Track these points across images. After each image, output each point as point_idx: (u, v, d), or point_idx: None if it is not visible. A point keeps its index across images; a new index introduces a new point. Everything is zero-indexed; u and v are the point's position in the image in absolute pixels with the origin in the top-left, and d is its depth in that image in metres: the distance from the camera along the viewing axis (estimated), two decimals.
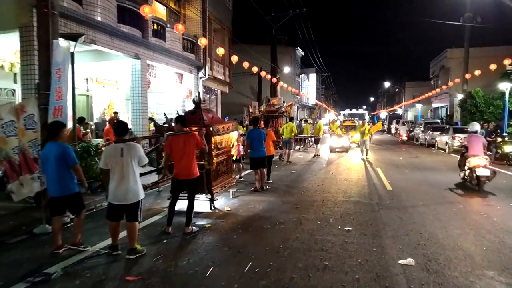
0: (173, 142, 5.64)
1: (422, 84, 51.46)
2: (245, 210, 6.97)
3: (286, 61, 37.85)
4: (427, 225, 5.96)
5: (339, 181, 10.24)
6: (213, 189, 7.18)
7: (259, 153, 8.91)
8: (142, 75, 13.46)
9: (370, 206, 7.29)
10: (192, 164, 5.61)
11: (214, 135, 7.09)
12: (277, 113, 15.71)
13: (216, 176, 7.40)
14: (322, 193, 8.61)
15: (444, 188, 9.19)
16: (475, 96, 23.31)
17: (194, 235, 5.52)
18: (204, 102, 7.74)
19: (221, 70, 20.76)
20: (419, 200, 7.85)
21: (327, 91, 78.34)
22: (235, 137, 8.13)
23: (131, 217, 4.70)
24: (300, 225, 5.98)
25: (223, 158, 7.74)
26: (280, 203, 7.55)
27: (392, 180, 10.21)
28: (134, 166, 4.66)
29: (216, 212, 6.90)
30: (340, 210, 6.96)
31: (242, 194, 8.40)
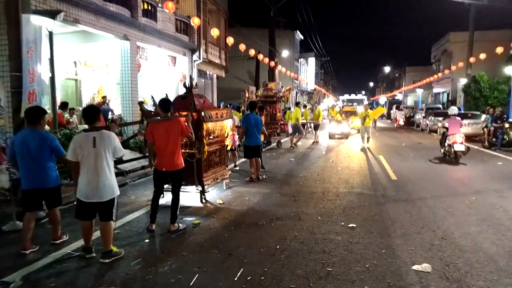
0: (154, 129, 5.01)
1: (423, 69, 50.62)
2: (239, 203, 6.38)
3: (285, 45, 36.88)
4: (439, 221, 5.39)
5: (340, 170, 9.65)
6: (204, 180, 6.59)
7: (255, 140, 8.31)
8: (132, 58, 12.72)
9: (375, 198, 6.71)
10: (176, 153, 4.98)
11: (206, 121, 6.46)
12: (275, 98, 15.00)
13: (207, 167, 6.79)
14: (322, 183, 8.03)
15: (453, 178, 8.62)
16: (479, 80, 22.60)
17: (180, 234, 4.93)
18: (196, 86, 7.07)
19: (217, 53, 19.96)
20: (427, 191, 7.28)
21: (326, 76, 77.26)
22: (230, 126, 7.48)
23: (105, 216, 4.10)
24: (299, 221, 5.40)
25: (216, 148, 7.12)
26: (277, 195, 6.97)
27: (396, 169, 9.62)
28: (109, 158, 4.04)
29: (207, 205, 6.32)
30: (342, 203, 6.38)
31: (237, 185, 7.81)
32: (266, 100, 15.01)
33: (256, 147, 8.33)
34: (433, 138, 19.09)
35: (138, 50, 13.50)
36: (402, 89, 56.91)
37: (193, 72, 17.18)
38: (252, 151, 8.28)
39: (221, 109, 7.29)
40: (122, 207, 6.24)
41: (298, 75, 44.62)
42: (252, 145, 8.27)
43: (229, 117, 7.41)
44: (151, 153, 5.23)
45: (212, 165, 6.98)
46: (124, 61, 12.69)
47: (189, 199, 6.58)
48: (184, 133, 5.05)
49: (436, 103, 36.65)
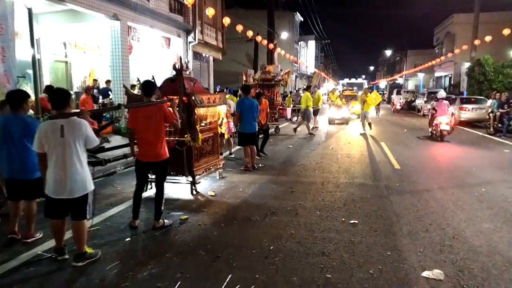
0: (135, 115, 4.52)
1: (424, 52, 49.72)
2: (232, 195, 5.93)
3: (284, 26, 35.94)
4: (449, 216, 4.95)
5: (340, 157, 9.19)
6: (195, 170, 6.13)
7: (251, 127, 7.79)
8: (123, 39, 12.06)
9: (378, 189, 6.26)
10: (159, 143, 4.49)
11: (196, 107, 5.96)
12: (273, 82, 14.42)
13: (199, 156, 6.32)
14: (321, 172, 7.58)
15: (459, 166, 8.17)
16: (484, 64, 21.92)
17: (165, 231, 4.50)
18: (187, 68, 6.53)
19: (213, 34, 19.22)
20: (433, 181, 6.84)
21: (326, 60, 76.11)
22: (224, 112, 6.97)
23: (77, 215, 3.64)
24: (295, 216, 4.96)
25: (208, 136, 6.63)
26: (273, 186, 6.52)
27: (399, 157, 9.17)
28: (80, 150, 3.55)
29: (198, 198, 5.87)
30: (343, 195, 5.94)
31: (231, 174, 7.36)
32: (264, 84, 14.43)
33: (251, 134, 7.82)
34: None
35: (129, 30, 12.84)
36: (403, 73, 56.06)
37: (188, 54, 16.54)
38: (247, 138, 7.78)
39: (214, 94, 6.77)
40: (106, 199, 5.83)
41: (298, 58, 43.77)
42: (247, 132, 7.76)
43: (223, 102, 6.89)
44: (132, 142, 4.76)
45: (204, 154, 6.51)
46: (115, 42, 12.04)
47: (178, 190, 6.14)
48: (168, 120, 4.55)
49: (438, 87, 35.99)
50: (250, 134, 7.80)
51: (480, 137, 13.55)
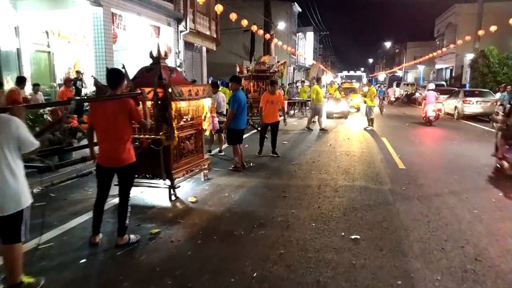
0: (95, 111, 3.76)
1: (424, 44, 48.91)
2: (216, 202, 5.19)
3: (282, 17, 34.93)
4: (466, 229, 4.23)
5: (339, 155, 8.45)
6: (174, 173, 5.38)
7: (243, 123, 7.08)
8: (106, 27, 11.24)
9: (382, 195, 5.53)
10: (122, 144, 3.73)
11: (175, 100, 5.19)
12: (268, 73, 13.62)
13: (179, 156, 5.58)
14: (318, 173, 6.84)
15: (469, 166, 7.44)
16: (488, 55, 21.11)
17: (129, 250, 3.76)
18: (165, 56, 5.76)
19: (206, 23, 18.35)
20: (443, 184, 6.11)
21: (325, 52, 74.99)
22: (208, 106, 6.20)
23: (8, 237, 2.90)
24: (287, 229, 4.23)
25: (190, 133, 5.88)
26: (264, 190, 5.78)
27: (403, 155, 8.43)
28: (9, 155, 2.80)
29: (176, 205, 5.13)
30: (342, 201, 5.20)
31: (218, 175, 6.62)
32: (258, 76, 13.63)
33: (242, 131, 7.10)
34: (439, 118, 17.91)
35: (114, 18, 12.01)
36: (403, 66, 55.28)
37: (179, 44, 15.72)
38: (238, 135, 7.04)
39: (197, 86, 6.00)
40: (72, 206, 5.10)
41: (296, 50, 42.80)
42: (239, 128, 7.03)
43: (207, 95, 6.12)
44: (90, 142, 4.00)
45: (185, 154, 5.75)
46: (97, 31, 11.23)
47: (155, 196, 5.40)
48: (134, 118, 3.78)
49: (439, 80, 35.21)
50: (241, 131, 7.07)
51: (487, 132, 12.81)
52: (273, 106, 8.14)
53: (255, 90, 13.62)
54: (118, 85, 3.85)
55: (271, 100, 8.09)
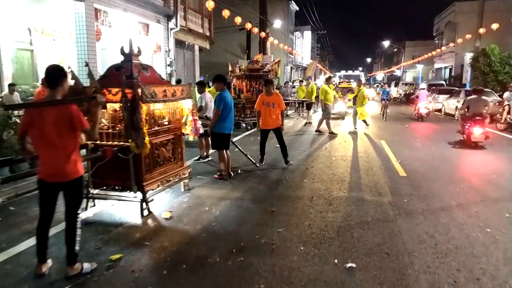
0: (30, 117, 3.11)
1: (423, 43, 48.50)
2: (193, 219, 4.56)
3: (279, 15, 34.35)
4: (481, 254, 3.61)
5: (334, 161, 7.83)
6: (147, 185, 4.76)
7: (231, 127, 6.43)
8: (88, 23, 10.61)
9: (381, 208, 4.91)
10: (66, 156, 3.09)
11: (146, 102, 4.57)
12: (261, 72, 12.99)
13: (152, 166, 4.95)
14: (311, 181, 6.23)
15: (476, 173, 6.84)
16: (489, 54, 20.52)
17: (80, 282, 3.13)
18: (138, 53, 5.13)
19: (199, 21, 17.71)
20: (449, 195, 5.50)
21: (323, 51, 74.42)
22: (189, 109, 5.57)
23: None
24: (271, 254, 3.61)
25: (166, 139, 5.25)
26: (249, 203, 5.16)
27: (403, 160, 7.83)
28: None
29: (147, 222, 4.50)
30: (336, 217, 4.58)
31: (200, 185, 6.00)
32: (251, 75, 12.99)
33: (229, 136, 6.46)
34: (438, 118, 17.33)
35: (98, 14, 11.38)
36: (401, 65, 54.80)
37: (170, 42, 15.07)
38: (224, 140, 6.40)
39: (174, 86, 5.36)
40: (28, 223, 4.46)
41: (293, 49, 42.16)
42: (227, 133, 6.39)
43: (187, 96, 5.49)
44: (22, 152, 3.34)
45: (161, 162, 5.13)
46: (79, 27, 10.62)
47: (126, 210, 4.79)
48: (76, 126, 3.11)
49: (438, 79, 34.69)
50: (228, 136, 6.43)
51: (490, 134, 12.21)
52: (269, 109, 7.18)
53: (248, 90, 12.98)
54: (58, 85, 3.17)
55: (267, 101, 7.21)
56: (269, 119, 7.23)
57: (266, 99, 7.23)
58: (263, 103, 7.22)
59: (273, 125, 7.28)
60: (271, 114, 7.21)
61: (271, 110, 7.19)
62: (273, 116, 7.21)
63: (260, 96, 7.49)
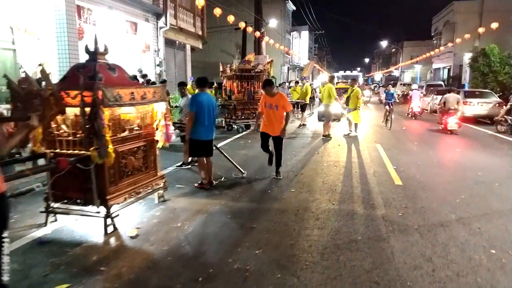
0: None
1: (421, 43, 48.11)
2: (161, 237, 4.06)
3: (275, 15, 33.82)
4: (485, 283, 3.12)
5: (325, 167, 7.35)
6: (113, 198, 4.27)
7: (208, 132, 5.87)
8: (69, 21, 10.08)
9: (373, 224, 4.41)
10: None
11: (109, 106, 4.08)
12: (253, 73, 12.49)
13: (119, 177, 4.45)
14: (299, 191, 5.74)
15: (477, 181, 6.36)
16: (489, 54, 20.06)
17: None
18: (105, 51, 4.64)
19: (191, 20, 17.19)
20: (448, 207, 5.01)
21: (321, 52, 73.95)
22: (161, 112, 5.07)
23: None
24: (242, 284, 3.11)
25: (136, 146, 4.74)
26: (228, 218, 4.65)
27: (400, 166, 7.34)
28: None
29: (109, 241, 3.99)
30: (322, 235, 4.09)
31: (178, 195, 5.51)
32: (242, 75, 12.49)
33: (208, 142, 5.92)
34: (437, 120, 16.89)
35: (81, 11, 10.87)
36: (399, 65, 54.40)
37: (159, 41, 14.55)
38: (203, 147, 5.88)
39: (145, 87, 4.86)
40: None
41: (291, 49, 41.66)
42: (203, 140, 5.85)
43: (160, 98, 4.99)
44: None
45: (129, 172, 4.63)
46: (60, 25, 10.09)
47: (89, 226, 4.29)
48: None
49: (436, 80, 34.23)
50: (206, 142, 5.89)
51: (491, 136, 11.78)
52: (273, 111, 6.31)
53: (239, 91, 12.47)
54: None
55: (270, 103, 6.32)
56: (274, 123, 6.35)
57: (268, 100, 6.37)
58: (266, 105, 6.40)
59: (274, 131, 6.38)
60: (275, 118, 6.32)
61: (275, 113, 6.30)
62: (277, 120, 6.31)
63: (262, 97, 6.72)
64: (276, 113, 6.30)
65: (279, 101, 6.30)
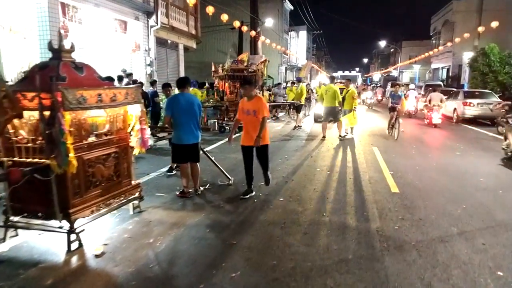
0: None
1: (420, 43, 47.80)
2: (128, 256, 3.63)
3: (273, 15, 33.41)
4: None
5: (318, 172, 6.93)
6: (75, 212, 3.84)
7: (189, 136, 5.41)
8: (51, 19, 9.66)
9: (366, 240, 3.99)
10: None
11: (70, 109, 3.65)
12: (246, 73, 12.06)
13: (85, 187, 4.02)
14: (287, 200, 5.31)
15: (478, 188, 5.95)
16: (489, 53, 19.66)
17: None
18: (71, 49, 4.21)
19: (184, 18, 16.77)
20: (449, 218, 4.60)
21: (319, 52, 73.57)
22: (136, 116, 4.64)
23: None
24: None
25: (107, 153, 4.31)
26: (206, 232, 4.22)
27: (397, 171, 6.93)
28: None
29: (70, 262, 3.56)
30: (309, 254, 3.66)
31: (157, 204, 5.08)
32: (234, 75, 12.07)
33: (190, 147, 5.46)
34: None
35: (65, 9, 10.44)
36: (398, 65, 54.04)
37: (150, 40, 14.13)
38: (184, 152, 5.45)
39: (116, 88, 4.43)
40: None
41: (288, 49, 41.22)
42: (183, 144, 5.42)
43: (134, 100, 4.56)
44: None
45: (97, 182, 4.19)
46: (42, 23, 9.66)
47: (53, 242, 3.87)
48: None
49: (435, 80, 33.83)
50: (188, 146, 5.45)
51: (492, 138, 11.38)
52: (250, 118, 5.31)
53: (232, 91, 12.07)
54: None
55: (247, 109, 5.34)
56: (251, 132, 5.34)
57: (246, 105, 5.40)
58: (243, 111, 5.44)
59: (250, 141, 5.37)
60: (253, 126, 5.30)
61: (253, 119, 5.30)
62: (254, 128, 5.28)
63: (240, 101, 5.82)
64: (254, 119, 5.27)
65: (257, 105, 5.29)
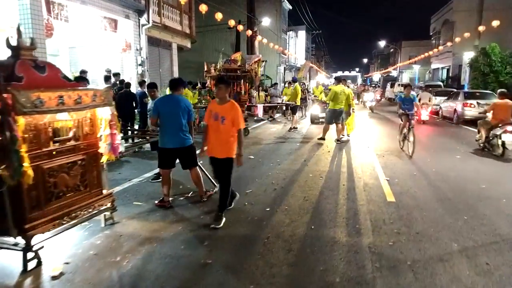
0: None
1: (420, 43, 47.43)
2: (89, 278, 3.23)
3: (271, 14, 32.98)
4: None
5: (310, 178, 6.52)
6: (33, 227, 3.44)
7: (175, 140, 4.96)
8: (34, 16, 9.22)
9: (357, 258, 3.59)
10: None
11: (23, 113, 3.25)
12: (239, 73, 11.66)
13: (45, 199, 3.62)
14: (274, 211, 4.91)
15: (481, 198, 5.55)
16: (490, 53, 19.25)
17: None
18: (32, 47, 3.83)
19: (177, 17, 16.36)
20: (449, 233, 4.20)
21: (318, 52, 73.14)
22: (105, 120, 4.23)
23: None
24: None
25: (71, 161, 3.91)
26: (180, 248, 3.82)
27: (393, 177, 6.53)
28: None
29: (23, 284, 3.17)
30: (291, 277, 3.26)
31: (132, 215, 4.68)
32: (227, 75, 11.66)
33: (175, 151, 5.02)
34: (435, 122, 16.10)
35: (51, 6, 10.03)
36: (397, 65, 53.68)
37: (141, 39, 13.73)
38: (168, 156, 5.04)
39: (83, 90, 4.02)
40: None
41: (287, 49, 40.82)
42: (167, 147, 5.00)
43: (103, 103, 4.16)
44: None
45: (60, 193, 3.79)
46: (24, 21, 9.23)
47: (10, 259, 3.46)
48: None
49: (435, 80, 33.44)
50: (172, 151, 5.01)
51: None
52: (217, 125, 4.44)
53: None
54: None
55: (216, 113, 4.48)
56: (216, 141, 4.50)
57: (215, 108, 4.55)
58: (211, 115, 4.54)
59: (221, 152, 4.48)
60: (218, 135, 4.46)
61: (219, 127, 4.43)
62: (223, 136, 4.44)
63: (209, 103, 5.11)
64: (221, 127, 4.42)
65: (229, 112, 4.43)
